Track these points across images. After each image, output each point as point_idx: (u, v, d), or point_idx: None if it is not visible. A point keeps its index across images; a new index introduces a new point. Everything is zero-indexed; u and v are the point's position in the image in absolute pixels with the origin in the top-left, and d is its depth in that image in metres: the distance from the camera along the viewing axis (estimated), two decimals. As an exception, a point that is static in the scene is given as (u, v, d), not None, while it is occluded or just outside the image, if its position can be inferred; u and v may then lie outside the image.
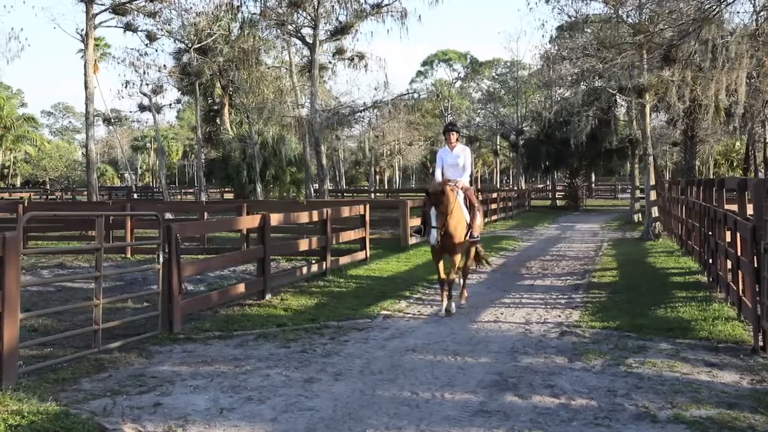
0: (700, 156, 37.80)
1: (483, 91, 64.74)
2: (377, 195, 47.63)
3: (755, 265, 6.73)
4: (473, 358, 6.73)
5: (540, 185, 61.65)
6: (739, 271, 7.97)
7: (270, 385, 5.79)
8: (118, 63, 33.99)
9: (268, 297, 9.78)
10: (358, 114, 29.14)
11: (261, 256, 9.97)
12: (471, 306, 9.41)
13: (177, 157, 78.99)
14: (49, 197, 49.79)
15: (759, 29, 18.53)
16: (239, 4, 28.75)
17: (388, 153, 56.40)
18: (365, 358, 6.70)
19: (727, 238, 8.91)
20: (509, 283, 11.69)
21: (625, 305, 9.28)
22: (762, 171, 38.17)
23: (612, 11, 20.80)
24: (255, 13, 28.73)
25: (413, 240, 16.43)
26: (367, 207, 14.81)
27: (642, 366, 6.28)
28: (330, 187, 35.33)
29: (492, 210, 27.34)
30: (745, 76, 19.40)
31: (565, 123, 33.78)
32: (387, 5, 26.84)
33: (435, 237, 8.46)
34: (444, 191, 8.52)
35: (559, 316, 8.78)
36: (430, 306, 9.48)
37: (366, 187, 59.53)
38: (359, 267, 13.34)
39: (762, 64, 20.14)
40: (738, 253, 7.93)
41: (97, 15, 27.20)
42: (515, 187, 47.58)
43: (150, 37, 31.43)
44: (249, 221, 10.65)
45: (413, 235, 12.21)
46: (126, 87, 34.72)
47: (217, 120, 37.52)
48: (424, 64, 67.80)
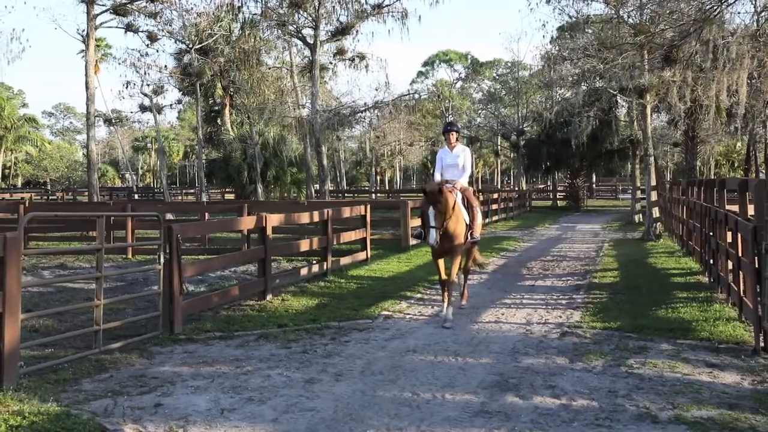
0: (701, 156, 37.80)
1: (484, 92, 64.81)
2: (378, 195, 47.64)
3: (756, 266, 6.72)
4: (474, 358, 6.73)
5: (541, 186, 61.68)
6: (740, 272, 7.96)
7: (271, 386, 5.80)
8: (119, 64, 34.06)
9: (269, 297, 9.79)
10: (358, 114, 29.11)
11: (262, 256, 9.97)
12: (472, 307, 9.41)
13: (178, 158, 79.06)
14: (50, 198, 49.85)
15: (760, 30, 18.55)
16: (240, 4, 28.78)
17: (388, 153, 56.46)
18: (366, 358, 6.70)
19: (728, 238, 8.91)
20: (510, 284, 11.69)
21: (626, 306, 9.28)
22: (763, 171, 38.15)
23: (613, 12, 20.80)
24: (256, 14, 28.77)
25: (414, 241, 16.43)
26: (368, 207, 14.82)
27: (643, 367, 6.28)
28: (331, 188, 35.32)
29: (493, 210, 27.35)
30: (746, 76, 19.40)
31: (566, 123, 33.78)
32: (388, 6, 26.84)
33: (434, 237, 8.35)
34: (441, 191, 8.45)
35: (560, 316, 8.77)
36: (431, 307, 9.48)
37: (367, 188, 59.56)
38: (360, 267, 13.35)
39: (763, 64, 20.14)
40: (739, 254, 7.93)
41: (98, 16, 27.24)
42: (516, 188, 47.58)
43: (151, 38, 31.45)
44: (250, 222, 10.64)
45: (413, 236, 12.19)
46: (127, 87, 34.78)
47: (218, 120, 37.54)
48: (424, 64, 67.89)
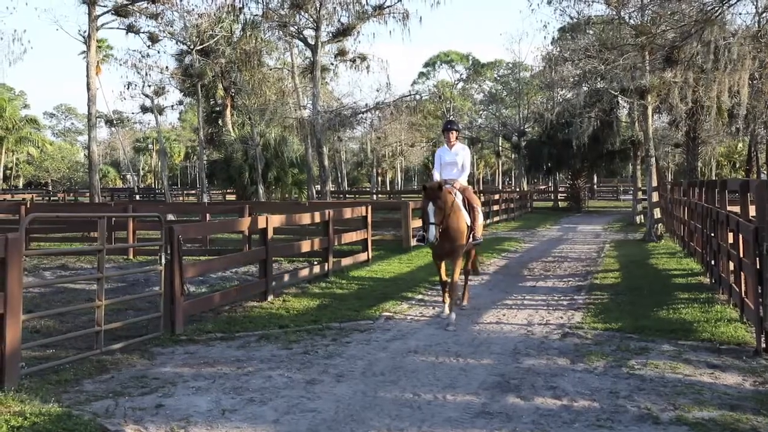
0: (702, 157, 37.76)
1: (485, 93, 64.88)
2: (379, 196, 47.65)
3: (758, 267, 6.71)
4: (475, 359, 6.73)
5: (542, 186, 61.70)
6: (742, 273, 7.95)
7: (272, 387, 5.79)
8: (120, 65, 34.26)
9: (270, 298, 9.79)
10: (360, 115, 29.13)
11: (263, 257, 9.97)
12: (473, 307, 9.40)
13: (179, 159, 79.12)
14: (52, 198, 49.89)
15: (761, 30, 18.54)
16: (241, 5, 28.83)
17: (390, 154, 56.42)
18: (367, 359, 6.70)
19: (730, 239, 8.90)
20: (511, 285, 11.68)
21: (628, 307, 9.27)
22: (764, 172, 38.11)
23: (614, 13, 20.79)
24: (257, 15, 28.82)
25: (415, 242, 16.41)
26: (369, 208, 14.81)
27: (644, 367, 6.27)
28: (332, 189, 35.37)
29: (494, 211, 27.34)
30: (748, 77, 19.39)
31: (567, 124, 33.77)
32: (389, 7, 26.87)
33: (433, 233, 8.12)
34: (441, 187, 8.32)
35: (562, 317, 8.77)
36: (432, 307, 9.47)
37: (368, 189, 59.53)
38: (361, 268, 13.34)
39: (764, 65, 20.13)
40: (740, 255, 7.92)
41: (100, 17, 27.32)
42: (517, 189, 47.57)
43: (152, 39, 31.52)
44: (251, 222, 10.64)
45: (415, 239, 12.13)
46: (128, 88, 34.87)
47: (219, 121, 37.59)
48: (426, 65, 68.01)
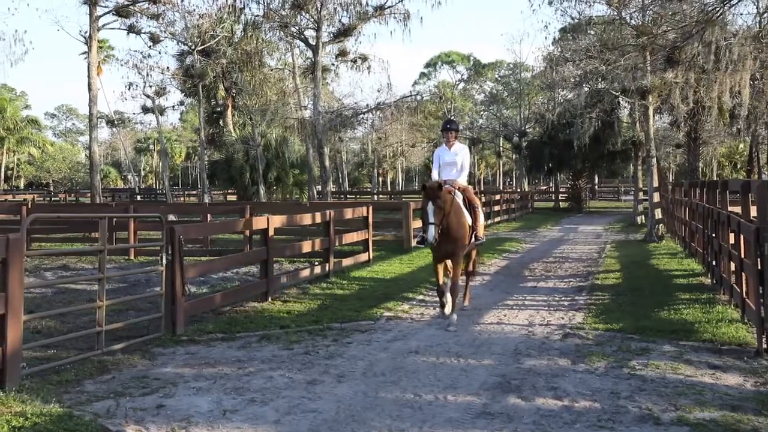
0: (703, 158, 37.73)
1: (486, 93, 64.89)
2: (380, 197, 47.64)
3: (759, 267, 6.71)
4: (476, 360, 6.73)
5: (543, 187, 61.70)
6: (743, 273, 7.95)
7: (273, 387, 5.79)
8: (121, 65, 34.17)
9: (270, 299, 9.79)
10: (361, 116, 29.09)
11: (264, 258, 9.98)
12: (474, 308, 9.40)
13: (180, 159, 79.15)
14: (53, 199, 49.94)
15: (762, 31, 18.53)
16: (242, 6, 28.78)
17: (390, 155, 56.39)
18: (368, 360, 6.70)
19: (731, 240, 8.89)
20: (512, 285, 11.68)
21: (629, 307, 9.26)
22: (766, 173, 38.05)
23: (615, 13, 20.77)
24: (258, 15, 28.76)
25: (415, 243, 16.42)
26: (370, 209, 14.81)
27: (645, 368, 6.27)
28: (333, 189, 35.36)
29: (495, 212, 27.34)
30: (749, 77, 19.36)
31: (568, 125, 33.75)
32: (389, 7, 26.82)
33: (432, 234, 7.97)
34: (441, 186, 8.23)
35: (563, 318, 8.76)
36: (432, 308, 9.46)
37: (369, 189, 59.52)
38: (362, 269, 13.34)
39: (765, 66, 20.11)
40: (741, 255, 7.92)
41: (101, 17, 27.34)
42: (518, 189, 47.56)
43: (153, 39, 31.52)
44: (252, 223, 10.64)
45: (415, 236, 12.13)
46: (129, 89, 34.85)
47: (220, 122, 37.59)
48: (427, 65, 67.95)
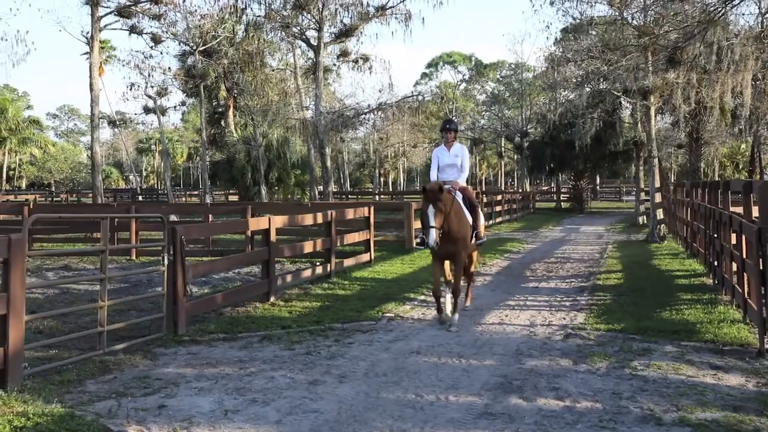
0: (705, 158, 37.67)
1: (487, 94, 64.88)
2: (381, 197, 47.63)
3: (761, 268, 6.70)
4: (478, 360, 6.73)
5: (545, 187, 61.68)
6: (745, 274, 7.95)
7: (274, 387, 5.79)
8: (123, 65, 34.12)
9: (272, 299, 9.80)
10: (362, 116, 29.11)
11: (266, 258, 9.98)
12: (475, 308, 9.40)
13: (182, 160, 79.20)
14: (54, 199, 49.98)
15: (764, 31, 18.51)
16: (244, 6, 28.78)
17: (392, 155, 56.44)
18: (369, 360, 6.69)
19: (733, 240, 8.88)
20: (514, 286, 11.68)
21: (630, 308, 9.26)
22: (767, 173, 38.01)
23: (617, 13, 20.76)
24: (260, 16, 28.75)
25: (416, 243, 16.41)
26: (372, 209, 14.82)
27: (647, 368, 6.26)
28: (334, 189, 35.39)
29: (496, 212, 27.34)
30: (751, 78, 19.34)
31: (570, 125, 33.74)
32: (391, 8, 26.81)
33: (433, 237, 7.90)
34: (441, 188, 8.18)
35: (564, 318, 8.76)
36: (434, 309, 9.44)
37: (370, 189, 59.52)
38: (363, 269, 13.34)
39: (767, 66, 20.08)
40: (743, 256, 7.91)
41: (103, 18, 27.33)
42: (520, 189, 47.54)
43: (155, 40, 31.53)
44: (253, 223, 10.65)
45: (417, 236, 12.09)
46: (131, 89, 34.84)
47: (222, 122, 37.62)
48: (428, 66, 68.02)
